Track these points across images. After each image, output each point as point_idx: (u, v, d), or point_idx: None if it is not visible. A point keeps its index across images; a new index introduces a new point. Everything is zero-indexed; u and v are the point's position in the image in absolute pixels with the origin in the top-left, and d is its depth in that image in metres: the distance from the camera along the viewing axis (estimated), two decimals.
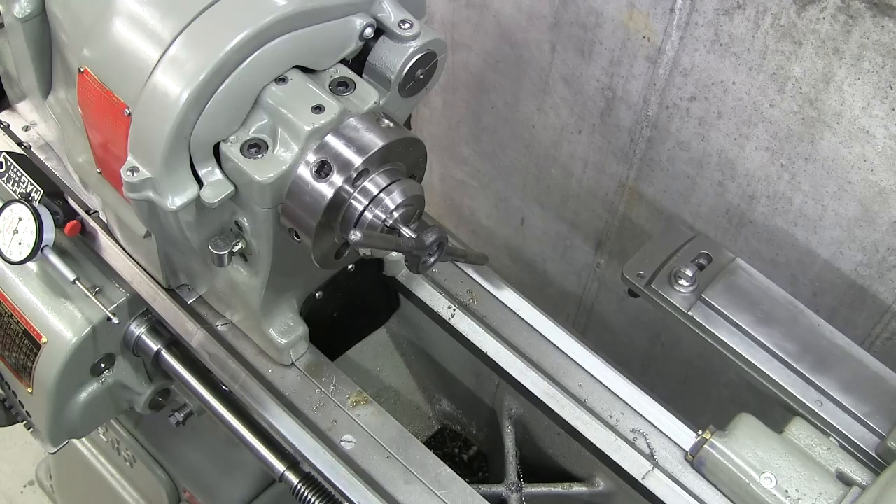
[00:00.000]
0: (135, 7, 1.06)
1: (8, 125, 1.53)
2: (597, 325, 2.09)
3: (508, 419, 1.52)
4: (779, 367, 1.29)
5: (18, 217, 1.39)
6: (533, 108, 1.82)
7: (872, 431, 1.23)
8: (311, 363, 1.35)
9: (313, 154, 1.05)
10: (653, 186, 1.72)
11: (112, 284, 1.43)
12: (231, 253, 1.14)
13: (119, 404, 1.58)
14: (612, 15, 1.52)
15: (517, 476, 1.46)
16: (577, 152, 1.81)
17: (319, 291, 1.34)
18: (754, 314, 1.33)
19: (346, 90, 1.10)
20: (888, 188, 1.35)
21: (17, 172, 1.48)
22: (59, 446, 1.56)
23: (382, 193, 1.07)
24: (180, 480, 1.87)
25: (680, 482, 1.23)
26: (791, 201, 1.50)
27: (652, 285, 1.36)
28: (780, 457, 1.18)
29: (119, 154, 1.09)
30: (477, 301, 1.42)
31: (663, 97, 1.55)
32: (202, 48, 1.01)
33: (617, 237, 1.89)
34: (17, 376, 1.49)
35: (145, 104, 1.04)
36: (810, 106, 1.36)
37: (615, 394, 1.32)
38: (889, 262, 1.45)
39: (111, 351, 1.47)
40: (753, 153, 1.49)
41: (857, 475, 1.18)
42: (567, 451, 1.43)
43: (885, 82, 1.25)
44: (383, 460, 1.26)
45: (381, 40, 1.13)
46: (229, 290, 1.31)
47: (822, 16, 1.26)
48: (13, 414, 1.60)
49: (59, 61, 1.29)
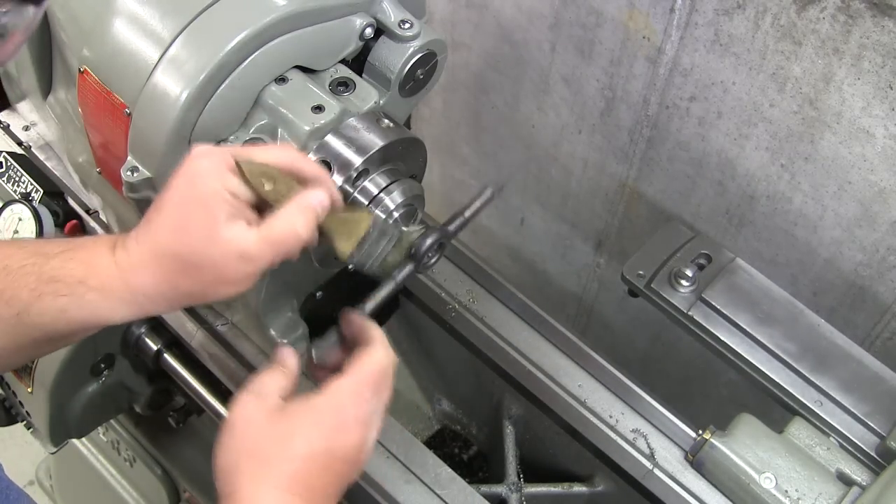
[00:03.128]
0: (135, 7, 1.05)
1: (8, 125, 1.53)
2: (597, 325, 2.09)
3: (508, 419, 1.52)
4: (779, 367, 1.29)
5: (18, 217, 1.39)
6: (533, 107, 1.82)
7: (872, 431, 1.23)
8: None
9: (313, 154, 1.05)
10: (653, 186, 1.72)
11: None
12: None
13: (119, 404, 1.58)
14: (612, 15, 1.52)
15: (517, 476, 1.46)
16: (577, 152, 1.81)
17: (319, 291, 1.34)
18: (754, 314, 1.33)
19: (346, 90, 1.11)
20: (888, 188, 1.35)
21: (17, 172, 1.48)
22: (59, 446, 1.56)
23: (382, 193, 1.07)
24: (180, 480, 1.87)
25: (680, 482, 1.23)
26: (791, 201, 1.50)
27: (652, 285, 1.36)
28: (780, 457, 1.18)
29: (119, 154, 1.10)
30: (477, 301, 1.42)
31: (663, 97, 1.55)
32: (202, 48, 1.01)
33: (617, 237, 1.89)
34: (16, 376, 1.49)
35: (145, 104, 1.04)
36: (810, 106, 1.36)
37: (615, 394, 1.32)
38: (889, 262, 1.45)
39: (111, 351, 1.47)
40: (753, 153, 1.49)
41: (857, 475, 1.18)
42: (567, 451, 1.43)
43: (885, 82, 1.25)
44: (383, 460, 1.26)
45: (381, 40, 1.13)
46: None
47: (822, 16, 1.26)
48: (13, 414, 1.60)
49: (59, 61, 1.29)
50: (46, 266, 0.92)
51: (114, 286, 0.90)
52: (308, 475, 0.88)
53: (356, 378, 0.93)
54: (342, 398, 0.92)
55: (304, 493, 0.87)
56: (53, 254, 0.93)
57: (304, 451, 0.89)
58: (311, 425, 0.90)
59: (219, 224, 0.88)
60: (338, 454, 0.90)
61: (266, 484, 0.87)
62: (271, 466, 0.87)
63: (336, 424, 0.91)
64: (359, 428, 0.92)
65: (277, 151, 0.96)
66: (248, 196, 0.92)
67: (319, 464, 0.89)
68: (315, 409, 0.91)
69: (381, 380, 0.94)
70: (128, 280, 0.90)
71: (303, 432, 0.89)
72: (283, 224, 0.91)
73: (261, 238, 0.89)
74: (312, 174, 0.96)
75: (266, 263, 0.91)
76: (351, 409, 0.92)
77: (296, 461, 0.88)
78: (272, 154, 0.95)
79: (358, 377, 0.93)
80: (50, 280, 0.91)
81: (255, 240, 0.89)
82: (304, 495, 0.87)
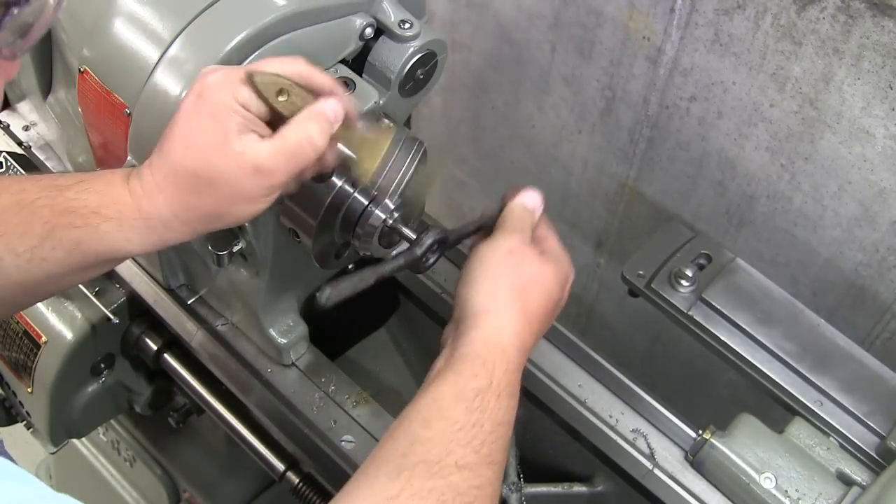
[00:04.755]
0: (135, 7, 1.06)
1: (8, 125, 1.53)
2: (597, 325, 2.09)
3: None
4: (779, 367, 1.29)
5: None
6: (533, 107, 1.82)
7: (872, 431, 1.23)
8: (311, 363, 1.35)
9: None
10: (653, 186, 1.72)
11: (112, 284, 1.43)
12: (231, 253, 1.14)
13: (119, 404, 1.58)
14: (612, 15, 1.52)
15: (517, 476, 1.46)
16: (577, 152, 1.81)
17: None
18: (754, 314, 1.33)
19: (347, 90, 1.10)
20: (888, 188, 1.35)
21: (17, 172, 1.48)
22: (59, 446, 1.56)
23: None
24: (180, 480, 1.87)
25: (680, 482, 1.23)
26: (791, 201, 1.50)
27: (652, 285, 1.36)
28: (780, 457, 1.18)
29: (119, 154, 1.10)
30: None
31: (663, 97, 1.55)
32: (202, 48, 1.01)
33: (617, 237, 1.89)
34: (16, 376, 1.49)
35: (145, 104, 1.04)
36: (810, 106, 1.36)
37: (615, 394, 1.32)
38: (889, 262, 1.45)
39: (111, 351, 1.47)
40: (753, 153, 1.49)
41: (857, 475, 1.18)
42: (567, 451, 1.42)
43: (885, 82, 1.25)
44: None
45: (381, 40, 1.13)
46: (229, 290, 1.31)
47: (822, 16, 1.26)
48: (13, 414, 1.60)
49: (59, 61, 1.29)
50: (60, 198, 0.89)
51: (128, 214, 0.88)
52: (543, 311, 0.97)
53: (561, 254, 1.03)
54: (567, 263, 1.02)
55: (534, 324, 0.96)
56: (67, 186, 0.90)
57: (552, 294, 0.98)
58: (559, 273, 0.99)
59: (230, 136, 0.86)
60: (558, 304, 1.00)
61: (515, 309, 0.94)
62: (528, 300, 0.95)
63: (565, 280, 1.01)
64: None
65: (290, 62, 0.93)
66: (260, 109, 0.89)
67: (551, 306, 0.98)
68: (560, 262, 1.00)
69: None
70: (142, 206, 0.88)
71: (554, 278, 0.98)
72: (297, 133, 0.88)
73: (274, 149, 0.87)
74: (326, 86, 0.93)
75: (282, 177, 0.88)
76: (570, 271, 1.02)
77: (543, 301, 0.96)
78: (284, 65, 0.92)
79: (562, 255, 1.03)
80: (64, 212, 0.88)
81: (269, 151, 0.86)
82: (532, 326, 0.96)
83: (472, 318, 0.92)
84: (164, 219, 0.88)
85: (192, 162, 0.87)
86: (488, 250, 0.97)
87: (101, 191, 0.89)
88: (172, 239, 0.91)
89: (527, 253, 0.97)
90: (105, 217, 0.88)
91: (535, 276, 0.96)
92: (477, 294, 0.94)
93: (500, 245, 0.98)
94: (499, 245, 0.98)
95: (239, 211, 0.89)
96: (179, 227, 0.90)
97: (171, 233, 0.90)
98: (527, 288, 0.95)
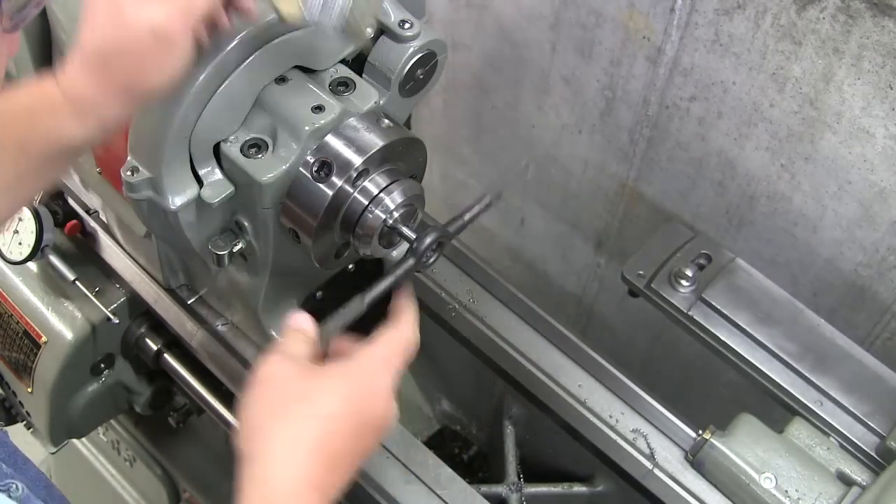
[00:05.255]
0: None
1: None
2: (597, 325, 2.09)
3: (508, 419, 1.52)
4: (779, 367, 1.29)
5: (18, 217, 1.39)
6: (533, 108, 1.82)
7: (872, 431, 1.23)
8: None
9: (313, 154, 1.05)
10: (653, 186, 1.72)
11: (112, 284, 1.43)
12: (231, 253, 1.14)
13: (119, 404, 1.58)
14: (612, 15, 1.52)
15: (517, 476, 1.46)
16: (578, 152, 1.81)
17: (319, 291, 1.34)
18: (754, 314, 1.33)
19: (346, 90, 1.10)
20: (888, 188, 1.35)
21: None
22: (59, 446, 1.56)
23: (382, 193, 1.07)
24: (180, 480, 1.87)
25: (680, 482, 1.23)
26: (791, 201, 1.50)
27: (652, 285, 1.36)
28: (780, 457, 1.18)
29: (119, 154, 1.09)
30: (477, 301, 1.42)
31: (663, 97, 1.55)
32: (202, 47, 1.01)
33: (617, 237, 1.89)
34: (16, 376, 1.49)
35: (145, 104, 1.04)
36: (810, 106, 1.36)
37: (615, 394, 1.32)
38: (889, 262, 1.45)
39: (111, 351, 1.47)
40: (753, 153, 1.49)
41: (857, 475, 1.18)
42: (567, 451, 1.42)
43: (885, 82, 1.25)
44: (383, 460, 1.26)
45: (381, 40, 1.12)
46: (229, 290, 1.31)
47: (822, 16, 1.26)
48: (13, 414, 1.60)
49: (59, 61, 1.29)
50: None
51: (58, 102, 0.91)
52: (334, 437, 0.85)
53: (388, 347, 0.92)
54: (375, 365, 0.90)
55: (328, 457, 0.84)
56: (4, 95, 0.93)
57: (333, 412, 0.85)
58: (342, 386, 0.87)
59: (124, 7, 0.88)
60: (365, 420, 0.87)
61: (290, 445, 0.84)
62: (298, 425, 0.84)
63: (367, 389, 0.88)
64: (387, 397, 0.89)
65: None
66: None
67: (347, 427, 0.86)
68: (347, 372, 0.88)
69: (408, 354, 0.93)
70: (66, 92, 0.91)
71: (333, 392, 0.86)
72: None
73: (165, 8, 0.88)
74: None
75: (184, 35, 0.89)
76: (382, 376, 0.90)
77: (323, 421, 0.85)
78: None
79: (390, 347, 0.92)
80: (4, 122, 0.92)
81: (164, 12, 0.88)
82: (326, 460, 0.84)
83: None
84: (89, 99, 0.91)
85: (97, 42, 0.89)
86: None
87: (32, 90, 0.93)
88: (108, 119, 0.93)
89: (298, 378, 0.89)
90: (38, 112, 0.92)
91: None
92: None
93: None
94: None
95: (153, 80, 0.91)
96: (104, 106, 0.92)
97: (103, 111, 0.92)
98: None
